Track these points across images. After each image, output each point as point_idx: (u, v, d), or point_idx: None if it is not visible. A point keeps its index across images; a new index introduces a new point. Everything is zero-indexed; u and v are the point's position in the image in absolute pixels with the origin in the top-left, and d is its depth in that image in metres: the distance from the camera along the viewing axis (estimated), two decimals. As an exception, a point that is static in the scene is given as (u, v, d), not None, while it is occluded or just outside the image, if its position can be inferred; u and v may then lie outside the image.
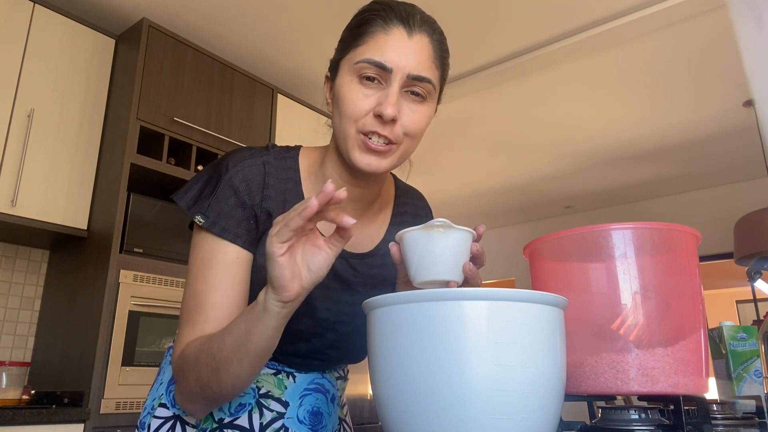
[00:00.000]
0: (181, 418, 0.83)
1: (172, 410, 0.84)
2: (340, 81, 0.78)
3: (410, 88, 0.75)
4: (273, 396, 0.84)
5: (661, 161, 4.08)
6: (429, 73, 0.76)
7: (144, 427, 0.84)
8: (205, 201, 0.78)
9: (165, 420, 0.83)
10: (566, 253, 0.79)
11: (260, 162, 0.81)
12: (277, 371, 0.86)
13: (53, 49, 2.21)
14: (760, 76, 0.39)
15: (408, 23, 0.75)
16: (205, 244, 0.78)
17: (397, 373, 0.54)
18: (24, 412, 1.75)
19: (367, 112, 0.74)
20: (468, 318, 0.52)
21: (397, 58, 0.73)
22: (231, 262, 0.77)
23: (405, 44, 0.74)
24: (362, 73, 0.74)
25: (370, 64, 0.73)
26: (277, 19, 2.53)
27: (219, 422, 0.81)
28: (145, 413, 0.86)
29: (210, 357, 0.69)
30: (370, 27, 0.76)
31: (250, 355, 0.67)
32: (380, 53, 0.74)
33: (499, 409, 0.51)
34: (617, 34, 2.55)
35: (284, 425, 0.84)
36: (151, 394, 0.88)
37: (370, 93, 0.74)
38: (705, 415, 0.71)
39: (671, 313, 0.72)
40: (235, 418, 0.82)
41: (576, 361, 0.72)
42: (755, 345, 0.96)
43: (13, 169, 2.03)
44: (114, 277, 2.04)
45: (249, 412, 0.83)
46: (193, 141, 2.40)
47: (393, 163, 0.78)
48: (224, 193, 0.78)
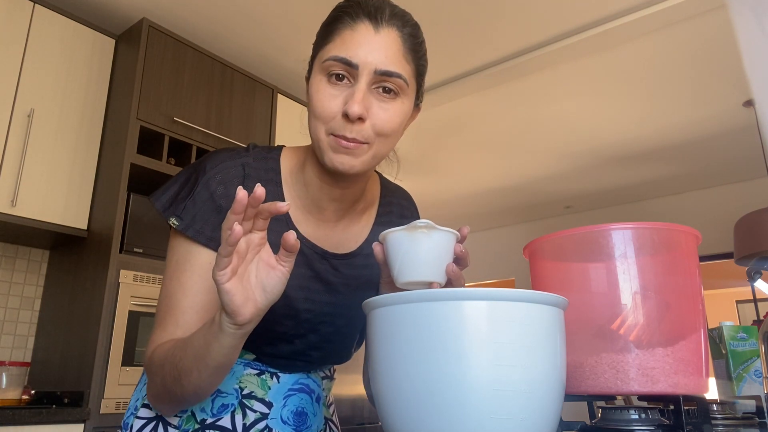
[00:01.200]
0: (164, 419, 0.82)
1: (154, 411, 0.83)
2: (311, 81, 0.77)
3: (380, 84, 0.72)
4: (256, 397, 0.83)
5: (661, 161, 4.08)
6: (398, 67, 0.73)
7: (127, 427, 0.84)
8: (181, 203, 0.77)
9: (147, 420, 0.83)
10: (566, 253, 0.79)
11: (239, 164, 0.80)
12: (261, 372, 0.85)
13: (53, 49, 2.21)
14: (760, 76, 0.39)
15: (375, 18, 0.73)
16: (180, 247, 0.78)
17: (397, 373, 0.54)
18: (24, 412, 1.75)
19: (336, 114, 0.72)
20: (468, 318, 0.52)
21: (363, 54, 0.71)
22: (204, 266, 0.76)
23: (371, 39, 0.72)
24: (330, 71, 0.72)
25: (336, 61, 0.72)
26: (277, 19, 2.53)
27: (201, 423, 0.81)
28: (129, 414, 0.86)
29: (173, 365, 0.69)
30: (337, 24, 0.74)
31: (209, 368, 0.66)
32: (345, 49, 0.72)
33: (499, 409, 0.51)
34: (617, 34, 2.55)
35: (268, 426, 0.83)
36: (135, 395, 0.88)
37: (338, 93, 0.72)
38: (705, 415, 0.71)
39: (671, 313, 0.72)
40: (218, 418, 0.81)
41: (576, 361, 0.72)
42: (755, 345, 0.96)
43: (13, 169, 2.03)
44: (114, 277, 2.04)
45: (232, 412, 0.82)
46: (193, 141, 2.40)
47: (367, 162, 0.75)
48: (201, 195, 0.77)
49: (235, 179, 0.79)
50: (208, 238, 0.76)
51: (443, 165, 4.14)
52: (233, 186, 0.78)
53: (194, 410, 0.81)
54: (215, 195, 0.77)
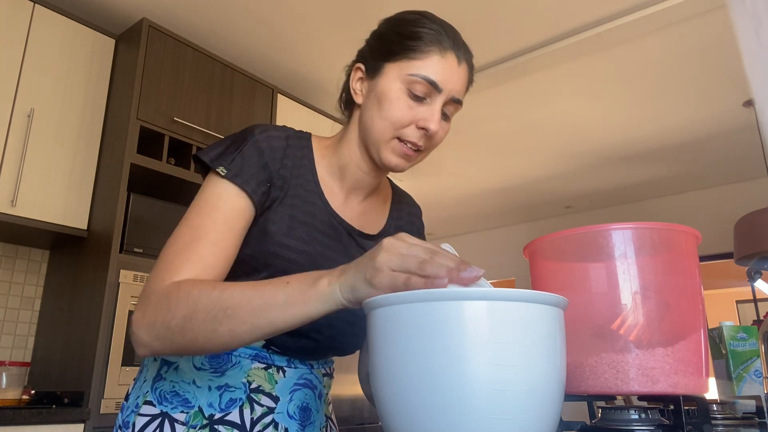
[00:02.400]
0: (169, 416, 0.81)
1: (159, 407, 0.82)
2: (387, 85, 0.83)
3: (446, 108, 0.84)
4: (264, 391, 0.84)
5: (661, 161, 4.08)
6: (462, 97, 0.86)
7: (128, 426, 0.82)
8: (230, 156, 0.81)
9: (152, 417, 0.82)
10: (566, 253, 0.79)
11: (284, 136, 0.87)
12: (268, 366, 0.85)
13: (53, 49, 2.21)
14: (760, 76, 0.39)
15: (458, 50, 0.83)
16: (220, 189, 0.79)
17: (396, 373, 0.54)
18: (24, 412, 1.74)
19: (409, 123, 0.81)
20: (468, 318, 0.52)
21: (448, 82, 0.82)
22: (239, 212, 0.79)
23: (455, 70, 0.83)
24: (413, 87, 0.81)
25: (426, 81, 0.80)
26: (277, 20, 2.53)
27: (209, 418, 0.81)
28: (128, 412, 0.84)
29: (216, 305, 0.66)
30: (426, 45, 0.82)
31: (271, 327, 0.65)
32: (435, 73, 0.81)
33: (499, 409, 0.51)
34: (617, 34, 2.55)
35: (274, 420, 0.84)
36: (134, 392, 0.87)
37: (415, 106, 0.81)
38: (705, 415, 0.71)
39: (671, 313, 0.72)
40: (226, 413, 0.81)
41: (576, 361, 0.71)
42: (755, 345, 0.96)
43: (13, 169, 2.03)
44: (114, 277, 2.04)
45: (240, 407, 0.82)
46: (193, 141, 2.40)
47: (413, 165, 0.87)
48: (249, 152, 0.82)
49: (280, 145, 0.85)
50: (252, 189, 0.80)
51: (443, 165, 4.14)
52: (278, 151, 0.84)
53: (202, 405, 0.81)
54: (263, 153, 0.82)
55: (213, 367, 0.83)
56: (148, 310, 0.71)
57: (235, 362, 0.84)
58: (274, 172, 0.83)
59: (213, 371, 0.83)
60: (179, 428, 0.80)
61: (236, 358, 0.84)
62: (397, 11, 0.91)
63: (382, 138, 0.82)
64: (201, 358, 0.84)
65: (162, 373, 0.85)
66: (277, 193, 0.83)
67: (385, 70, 0.84)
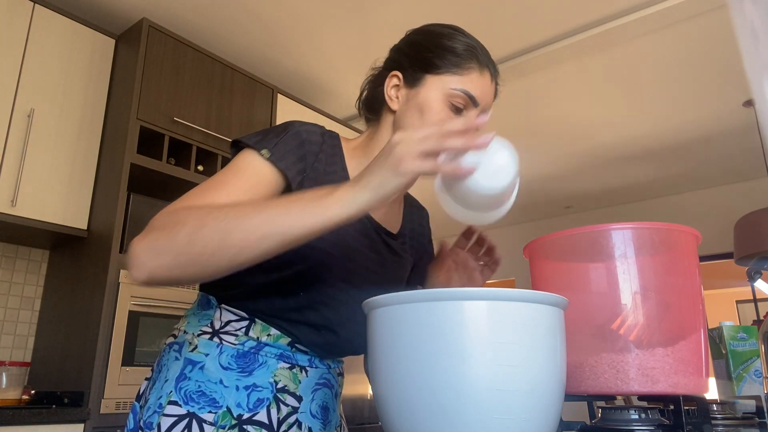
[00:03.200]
0: (197, 416, 0.80)
1: (185, 407, 0.81)
2: (429, 95, 0.88)
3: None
4: (289, 390, 0.86)
5: (661, 161, 4.08)
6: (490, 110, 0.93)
7: (151, 427, 0.81)
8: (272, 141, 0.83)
9: (179, 418, 0.80)
10: (566, 253, 0.79)
11: (320, 132, 0.90)
12: (292, 365, 0.87)
13: (53, 49, 2.21)
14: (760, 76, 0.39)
15: (491, 67, 0.92)
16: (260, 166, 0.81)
17: (397, 373, 0.54)
18: (24, 412, 1.74)
19: None
20: (468, 318, 0.52)
21: (483, 97, 0.90)
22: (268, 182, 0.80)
23: (489, 86, 0.91)
24: (454, 100, 0.87)
25: (466, 96, 0.88)
26: (277, 20, 2.53)
27: (238, 418, 0.81)
28: (150, 413, 0.82)
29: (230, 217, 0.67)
30: (466, 62, 0.89)
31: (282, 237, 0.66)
32: (475, 89, 0.88)
33: (500, 409, 0.51)
34: (617, 34, 2.55)
35: (298, 420, 0.85)
36: (154, 392, 0.85)
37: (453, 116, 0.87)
38: (705, 415, 0.71)
39: (671, 313, 0.72)
40: (254, 413, 0.82)
41: (576, 361, 0.72)
42: (755, 345, 0.96)
43: (13, 169, 2.03)
44: (114, 277, 2.04)
45: (267, 407, 0.83)
46: (193, 141, 2.40)
47: None
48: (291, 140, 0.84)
49: (316, 142, 0.88)
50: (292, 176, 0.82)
51: (443, 165, 4.14)
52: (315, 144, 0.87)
53: (230, 405, 0.81)
54: (303, 144, 0.85)
55: (240, 367, 0.84)
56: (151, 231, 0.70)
57: (262, 362, 0.85)
58: (308, 164, 0.85)
59: (240, 371, 0.84)
60: (208, 429, 0.79)
61: (263, 357, 0.85)
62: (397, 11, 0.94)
63: None
64: (228, 357, 0.84)
65: (186, 373, 0.84)
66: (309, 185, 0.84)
67: (426, 82, 0.89)
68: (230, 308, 0.88)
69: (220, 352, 0.84)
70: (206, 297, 0.91)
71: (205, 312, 0.89)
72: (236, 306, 0.88)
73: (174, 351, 0.88)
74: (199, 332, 0.87)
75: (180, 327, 0.92)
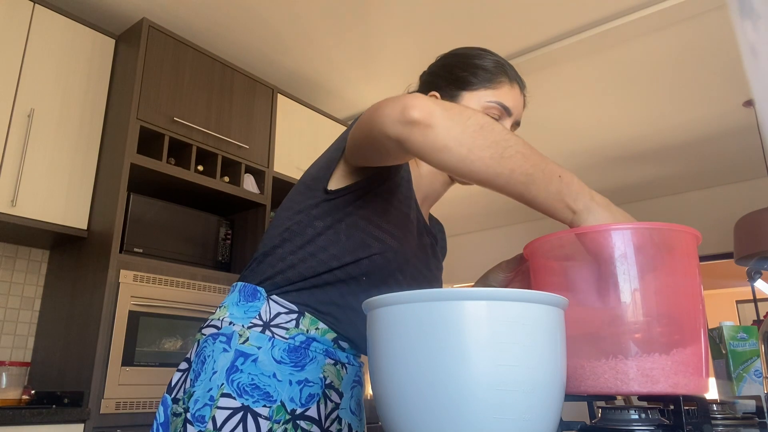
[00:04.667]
0: (251, 410, 0.79)
1: (239, 400, 0.80)
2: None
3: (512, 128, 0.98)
4: (334, 386, 0.88)
5: (661, 161, 4.08)
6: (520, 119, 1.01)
7: (204, 420, 0.79)
8: None
9: (233, 411, 0.79)
10: (566, 253, 0.79)
11: None
12: (336, 362, 0.89)
13: (53, 49, 2.21)
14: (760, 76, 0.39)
15: (519, 81, 1.02)
16: None
17: (397, 373, 0.54)
18: (24, 412, 1.75)
19: None
20: (468, 318, 0.52)
21: (516, 108, 0.99)
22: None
23: (519, 97, 1.00)
24: (490, 112, 0.94)
25: (501, 107, 0.96)
26: (277, 20, 2.53)
27: (291, 413, 0.82)
28: (201, 405, 0.80)
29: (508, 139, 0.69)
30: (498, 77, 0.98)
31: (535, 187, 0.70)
32: (508, 100, 0.97)
33: (499, 410, 0.51)
34: (617, 34, 2.55)
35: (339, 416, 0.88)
36: (202, 384, 0.82)
37: None
38: (705, 415, 0.71)
39: (671, 313, 0.72)
40: (306, 408, 0.83)
41: (576, 361, 0.72)
42: (755, 345, 0.96)
43: (13, 169, 2.03)
44: (114, 277, 2.04)
45: (317, 402, 0.85)
46: (193, 141, 2.40)
47: None
48: None
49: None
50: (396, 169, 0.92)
51: (443, 165, 4.14)
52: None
53: (284, 400, 0.82)
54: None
55: (293, 362, 0.85)
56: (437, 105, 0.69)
57: (312, 357, 0.86)
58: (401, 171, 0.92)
59: (293, 365, 0.84)
60: (263, 423, 0.79)
61: (313, 353, 0.86)
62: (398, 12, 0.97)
63: None
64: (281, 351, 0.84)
65: (238, 365, 0.82)
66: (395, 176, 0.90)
67: (463, 98, 0.96)
68: (281, 299, 0.87)
69: (272, 346, 0.84)
70: (253, 288, 0.89)
71: (251, 303, 0.88)
72: (288, 298, 0.87)
73: (221, 342, 0.85)
74: (249, 324, 0.86)
75: (221, 317, 0.89)
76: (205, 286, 2.31)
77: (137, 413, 2.00)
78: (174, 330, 2.18)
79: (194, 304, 2.25)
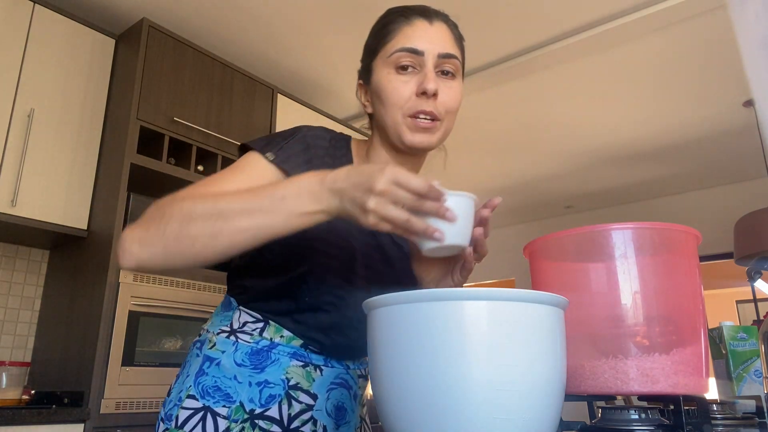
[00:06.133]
0: (212, 410, 0.83)
1: (201, 401, 0.84)
2: (377, 77, 0.86)
3: (441, 67, 0.84)
4: (302, 388, 0.87)
5: (661, 161, 4.08)
6: (454, 51, 0.86)
7: (171, 419, 0.84)
8: (278, 145, 0.85)
9: (194, 411, 0.84)
10: (566, 253, 0.79)
11: (328, 137, 0.91)
12: (306, 364, 0.88)
13: (53, 49, 2.21)
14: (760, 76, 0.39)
15: (426, 15, 0.86)
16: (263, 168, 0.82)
17: (397, 373, 0.54)
18: (24, 412, 1.74)
19: (410, 96, 0.82)
20: (468, 318, 0.52)
21: (426, 42, 0.83)
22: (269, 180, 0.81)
23: (428, 30, 0.84)
24: (398, 64, 0.83)
25: (403, 52, 0.82)
26: (277, 20, 2.53)
27: (250, 413, 0.83)
28: (171, 405, 0.86)
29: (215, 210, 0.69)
30: (394, 25, 0.85)
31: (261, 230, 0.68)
32: (409, 41, 0.83)
33: (500, 410, 0.51)
34: (617, 34, 2.55)
35: (313, 417, 0.87)
36: (177, 387, 0.89)
37: (408, 79, 0.83)
38: (705, 415, 0.71)
39: (671, 313, 0.72)
40: (266, 408, 0.84)
41: (576, 361, 0.71)
42: (755, 345, 0.96)
43: (13, 169, 2.03)
44: (114, 277, 2.04)
45: (279, 403, 0.85)
46: (193, 141, 2.40)
47: (440, 138, 0.87)
48: (297, 144, 0.86)
49: (323, 146, 0.89)
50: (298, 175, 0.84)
51: (443, 165, 4.14)
52: (322, 149, 0.88)
53: (243, 401, 0.84)
54: (309, 147, 0.86)
55: (253, 364, 0.86)
56: (140, 222, 0.74)
57: (275, 359, 0.86)
58: (315, 167, 0.84)
59: (253, 368, 0.86)
60: (221, 422, 0.83)
61: (275, 355, 0.87)
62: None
63: (396, 122, 0.83)
64: (242, 354, 0.86)
65: (204, 369, 0.87)
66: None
67: (373, 69, 0.87)
68: (247, 310, 0.90)
69: (236, 350, 0.87)
70: (228, 298, 0.94)
71: (226, 313, 0.92)
72: (252, 308, 0.90)
73: (196, 348, 0.91)
74: (218, 331, 0.90)
75: (205, 326, 0.95)
76: (205, 286, 2.31)
77: (137, 413, 2.00)
78: (174, 330, 2.18)
79: (194, 305, 2.25)
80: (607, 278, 0.73)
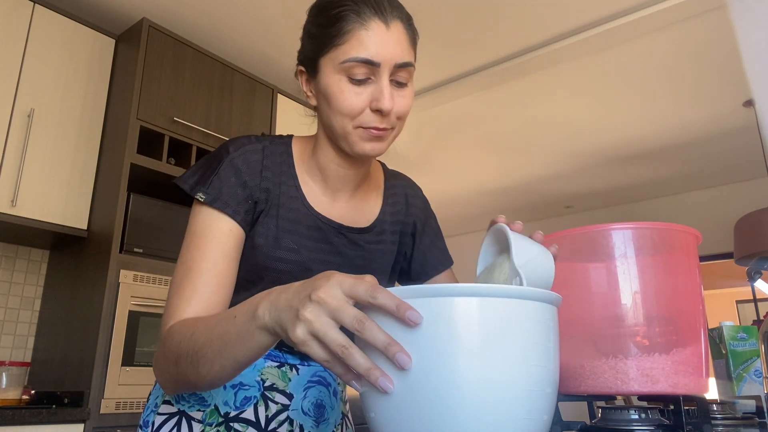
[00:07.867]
0: (186, 414, 0.83)
1: (176, 406, 0.84)
2: (326, 80, 0.79)
3: (396, 77, 0.78)
4: (278, 388, 0.86)
5: (661, 161, 4.08)
6: (410, 57, 0.79)
7: (147, 425, 0.85)
8: (207, 180, 0.81)
9: (169, 416, 0.84)
10: (566, 253, 0.79)
11: (260, 147, 0.86)
12: (281, 364, 0.87)
13: (53, 49, 2.21)
14: (760, 76, 0.39)
15: (382, 13, 0.76)
16: (202, 218, 0.80)
17: (388, 371, 0.54)
18: (24, 412, 1.74)
19: (363, 109, 0.77)
20: (459, 315, 0.51)
21: (383, 52, 0.75)
22: (225, 234, 0.79)
23: (385, 36, 0.76)
24: (351, 75, 0.76)
25: (358, 62, 0.75)
26: (277, 19, 2.53)
27: (225, 416, 0.82)
28: (148, 411, 0.87)
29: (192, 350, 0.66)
30: (346, 24, 0.76)
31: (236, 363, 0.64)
32: (364, 50, 0.75)
33: (491, 407, 0.50)
34: (617, 34, 2.55)
35: (289, 417, 0.85)
36: (154, 392, 0.89)
37: (362, 90, 0.77)
38: (705, 415, 0.71)
39: (671, 313, 0.72)
40: (241, 411, 0.83)
41: (576, 361, 0.71)
42: (755, 345, 0.96)
43: (13, 169, 2.03)
44: (114, 277, 2.04)
45: (254, 405, 0.84)
46: (193, 141, 2.40)
47: (389, 144, 0.83)
48: (226, 173, 0.81)
49: (256, 161, 0.84)
50: (233, 210, 0.80)
51: (443, 165, 4.14)
52: (255, 165, 0.83)
53: (218, 404, 0.83)
54: (240, 172, 0.82)
55: None
56: (158, 362, 0.76)
57: None
58: (254, 187, 0.82)
59: None
60: (196, 426, 0.82)
61: None
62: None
63: (344, 131, 0.79)
64: None
65: None
66: (262, 207, 0.83)
67: (321, 66, 0.79)
68: None
69: None
70: None
71: None
72: None
73: None
74: None
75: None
76: (205, 286, 2.31)
77: (137, 413, 2.00)
78: (174, 330, 2.18)
79: (194, 304, 2.24)
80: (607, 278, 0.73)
